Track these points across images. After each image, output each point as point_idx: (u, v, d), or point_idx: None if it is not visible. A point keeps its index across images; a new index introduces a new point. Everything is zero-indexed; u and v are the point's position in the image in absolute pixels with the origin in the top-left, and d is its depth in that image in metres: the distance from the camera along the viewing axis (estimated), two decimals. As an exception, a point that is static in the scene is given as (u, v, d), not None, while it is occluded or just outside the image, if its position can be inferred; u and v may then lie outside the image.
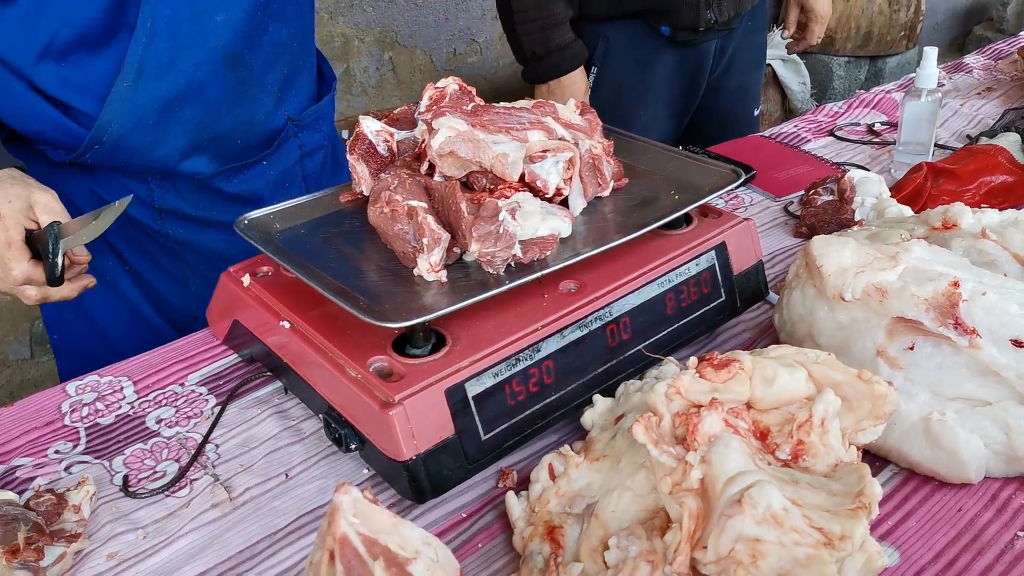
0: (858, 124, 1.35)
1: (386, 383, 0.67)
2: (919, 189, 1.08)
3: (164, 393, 0.85)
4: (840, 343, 0.76)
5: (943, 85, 1.47)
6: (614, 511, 0.64)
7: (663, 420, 0.64)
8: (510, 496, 0.68)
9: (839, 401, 0.65)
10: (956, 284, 0.72)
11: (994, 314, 0.72)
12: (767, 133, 1.35)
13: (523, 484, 0.71)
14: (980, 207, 0.91)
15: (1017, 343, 0.71)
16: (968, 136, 1.26)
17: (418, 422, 0.66)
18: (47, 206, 0.87)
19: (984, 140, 1.18)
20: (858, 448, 0.65)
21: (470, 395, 0.68)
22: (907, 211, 0.99)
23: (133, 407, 0.83)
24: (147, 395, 0.85)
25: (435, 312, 0.67)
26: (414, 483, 0.67)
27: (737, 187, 0.83)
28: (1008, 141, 1.14)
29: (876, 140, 1.30)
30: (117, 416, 0.82)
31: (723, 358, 0.67)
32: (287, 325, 0.75)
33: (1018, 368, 0.70)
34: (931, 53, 1.11)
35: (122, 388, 0.86)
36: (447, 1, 2.60)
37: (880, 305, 0.74)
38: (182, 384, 0.86)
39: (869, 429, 0.65)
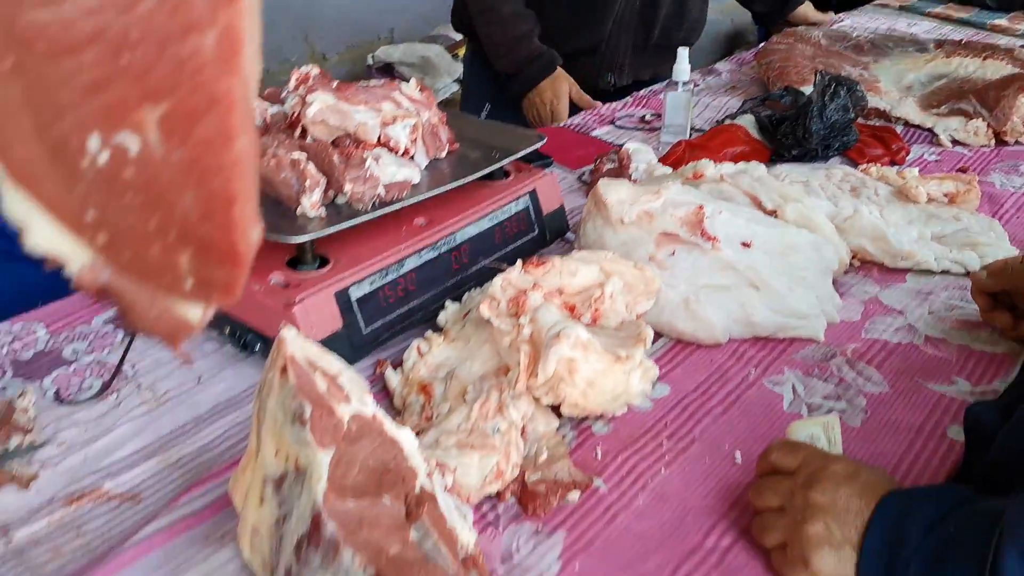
0: (633, 115, 1.65)
1: (285, 290, 0.86)
2: (679, 158, 1.38)
3: (74, 332, 0.99)
4: (623, 255, 1.02)
5: (698, 85, 1.81)
6: (468, 372, 0.86)
7: (500, 303, 0.87)
8: (388, 370, 0.89)
9: (622, 283, 0.90)
10: (701, 208, 1.00)
11: (728, 226, 1.00)
12: (560, 125, 1.63)
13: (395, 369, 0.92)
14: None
15: (745, 244, 0.99)
16: (717, 121, 1.59)
17: (314, 318, 0.86)
18: None
19: (728, 121, 1.50)
20: (637, 316, 0.91)
21: (353, 298, 0.89)
22: (669, 171, 1.28)
23: (48, 344, 0.97)
24: (59, 334, 0.98)
25: (323, 231, 0.87)
26: (312, 366, 0.86)
27: (538, 150, 1.08)
28: (745, 121, 1.47)
29: (647, 127, 1.60)
30: (35, 352, 0.96)
31: (540, 259, 0.91)
32: (193, 259, 0.92)
33: (746, 262, 0.98)
34: (683, 53, 1.42)
35: (35, 331, 0.99)
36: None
37: (649, 225, 1.01)
38: (89, 323, 1.00)
39: (643, 302, 0.91)
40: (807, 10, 2.23)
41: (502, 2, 1.67)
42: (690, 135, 1.50)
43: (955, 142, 1.51)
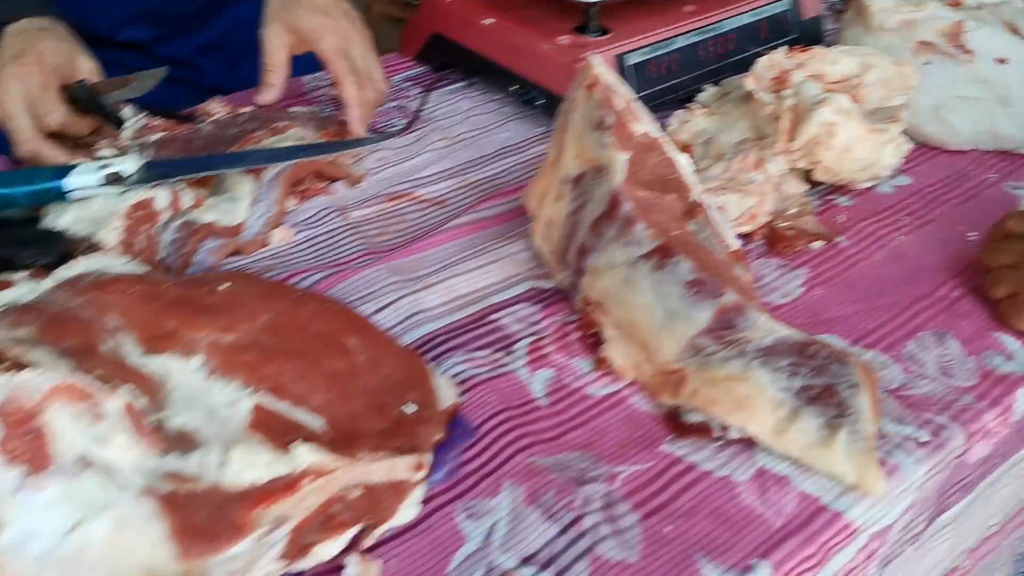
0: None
1: (572, 49, 0.98)
2: (937, -6, 1.38)
3: (379, 84, 1.15)
4: (879, 61, 1.07)
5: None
6: (726, 140, 0.96)
7: (762, 81, 0.96)
8: (652, 133, 1.00)
9: (880, 72, 0.96)
10: (961, 21, 1.03)
11: (986, 41, 1.03)
12: None
13: (655, 137, 1.02)
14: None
15: (1000, 60, 1.02)
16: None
17: (595, 77, 0.97)
18: (91, 71, 0.89)
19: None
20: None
21: (628, 63, 0.99)
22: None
23: (358, 91, 1.14)
24: (367, 84, 1.15)
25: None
26: (588, 120, 0.98)
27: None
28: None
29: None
30: (348, 95, 1.13)
31: (804, 47, 0.98)
32: (490, 22, 1.06)
33: (999, 78, 1.02)
34: None
35: (346, 80, 1.16)
36: None
37: (908, 33, 1.05)
38: (390, 79, 1.16)
39: (899, 95, 0.97)
40: None
41: None
42: (948, -24, 1.49)
43: None
